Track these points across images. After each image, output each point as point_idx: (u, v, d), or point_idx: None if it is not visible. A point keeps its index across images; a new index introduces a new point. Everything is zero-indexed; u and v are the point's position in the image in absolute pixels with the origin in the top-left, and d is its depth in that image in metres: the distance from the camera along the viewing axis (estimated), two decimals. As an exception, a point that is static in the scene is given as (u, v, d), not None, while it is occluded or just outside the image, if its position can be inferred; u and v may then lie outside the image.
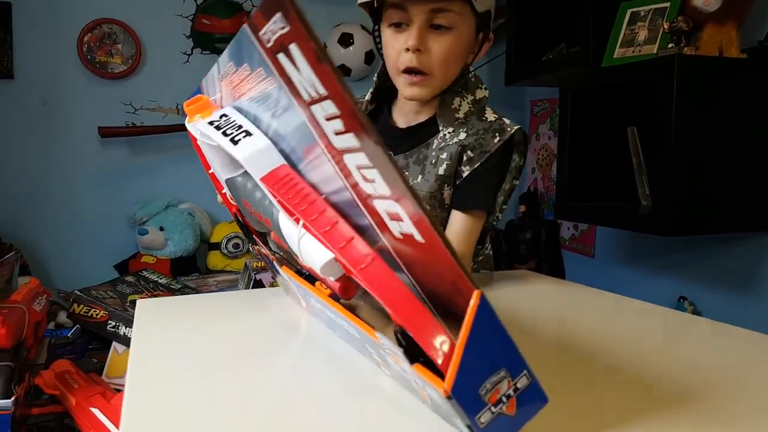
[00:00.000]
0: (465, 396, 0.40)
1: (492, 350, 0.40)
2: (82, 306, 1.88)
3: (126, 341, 1.84)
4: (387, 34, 1.04)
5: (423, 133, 1.10)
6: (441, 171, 1.06)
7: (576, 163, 2.22)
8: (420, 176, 1.07)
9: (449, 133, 1.07)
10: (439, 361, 0.42)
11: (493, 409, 0.41)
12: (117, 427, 1.52)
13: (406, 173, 1.09)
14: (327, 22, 2.92)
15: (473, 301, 0.38)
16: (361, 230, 0.47)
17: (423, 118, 1.11)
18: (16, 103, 2.52)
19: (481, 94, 1.11)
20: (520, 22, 2.63)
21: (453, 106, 1.08)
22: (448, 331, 0.41)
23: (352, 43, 2.87)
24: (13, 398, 1.47)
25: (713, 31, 1.76)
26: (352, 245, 0.48)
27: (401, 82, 1.04)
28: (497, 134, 1.06)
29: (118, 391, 1.72)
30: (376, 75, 1.15)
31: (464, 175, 1.04)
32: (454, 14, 0.99)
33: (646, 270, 2.46)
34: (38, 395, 1.70)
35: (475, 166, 1.04)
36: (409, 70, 1.01)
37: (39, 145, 2.58)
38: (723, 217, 1.83)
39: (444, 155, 1.06)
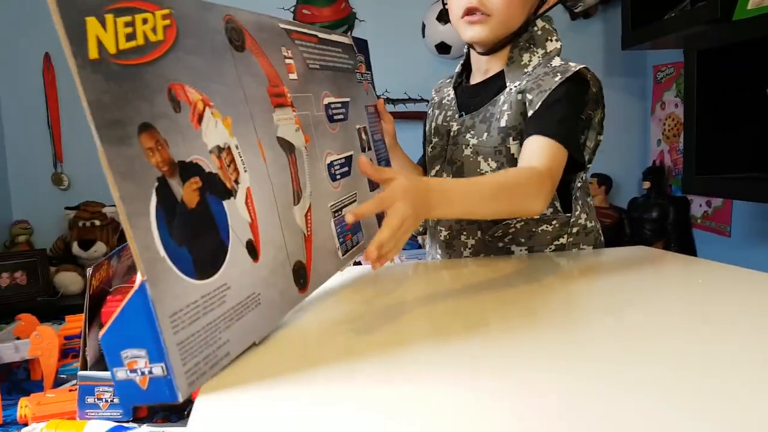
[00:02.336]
0: (108, 347, 0.50)
1: (139, 330, 0.48)
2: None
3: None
4: None
5: (491, 88, 1.08)
6: (503, 123, 1.03)
7: (706, 132, 1.99)
8: (486, 134, 1.06)
9: (516, 88, 1.04)
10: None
11: (129, 372, 0.50)
12: None
13: (471, 132, 1.08)
14: None
15: (136, 285, 0.48)
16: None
17: (491, 73, 1.10)
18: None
19: (551, 46, 1.07)
20: (638, -20, 2.40)
21: (522, 62, 1.06)
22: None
23: None
24: None
25: None
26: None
27: (462, 26, 1.05)
28: (558, 74, 1.00)
29: None
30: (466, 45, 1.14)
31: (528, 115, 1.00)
32: None
33: (793, 249, 2.18)
34: None
35: (537, 106, 0.98)
36: (469, 11, 1.02)
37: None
38: None
39: (505, 107, 1.04)
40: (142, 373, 0.49)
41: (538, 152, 0.94)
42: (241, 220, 0.61)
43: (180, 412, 1.71)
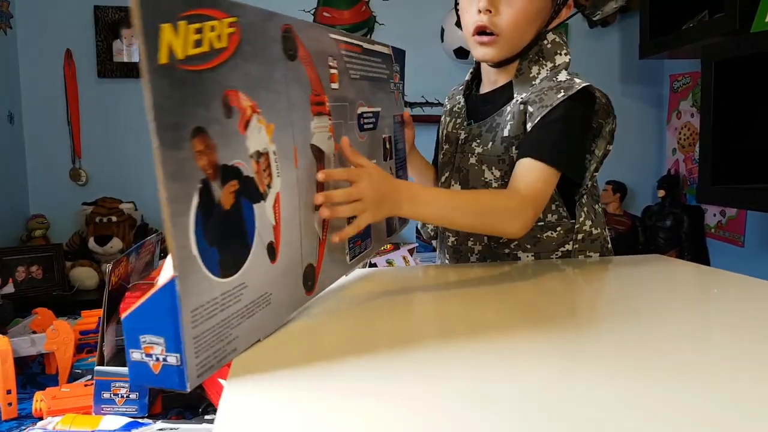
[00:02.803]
0: (129, 330, 0.53)
1: (161, 320, 0.51)
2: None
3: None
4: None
5: (499, 98, 1.09)
6: (506, 132, 1.04)
7: (721, 142, 1.99)
8: (490, 143, 1.07)
9: (523, 99, 1.04)
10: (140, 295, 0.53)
11: (144, 356, 0.53)
12: None
13: (477, 141, 1.09)
14: (446, 2, 2.74)
15: (166, 279, 0.50)
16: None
17: (500, 84, 1.10)
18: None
19: (560, 59, 1.07)
20: (656, -11, 2.40)
21: (531, 74, 1.06)
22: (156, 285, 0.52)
23: None
24: None
25: None
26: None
27: (473, 44, 1.05)
28: (562, 90, 1.00)
29: None
30: None
31: (527, 130, 1.01)
32: None
33: (807, 261, 2.17)
34: None
35: (536, 121, 0.99)
36: (479, 31, 1.02)
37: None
38: None
39: (509, 117, 1.05)
40: (157, 359, 0.52)
41: (527, 175, 0.96)
42: (267, 222, 0.62)
43: (194, 409, 1.74)
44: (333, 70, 0.79)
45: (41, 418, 1.65)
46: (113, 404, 1.54)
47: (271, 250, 0.63)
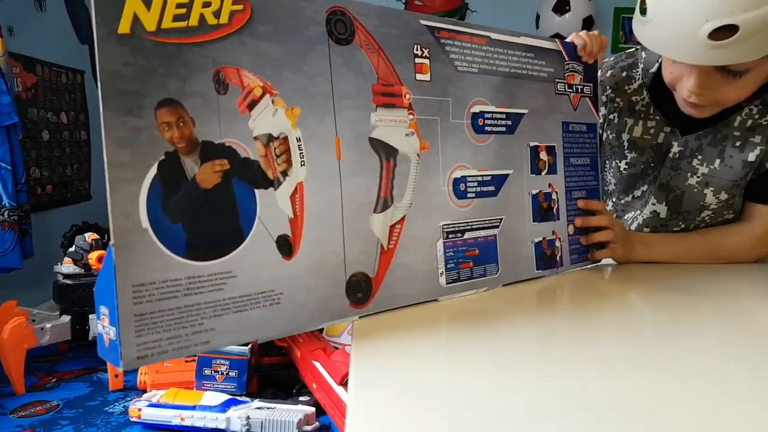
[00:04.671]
0: (96, 299, 0.52)
1: (108, 291, 0.49)
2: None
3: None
4: None
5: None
6: (751, 157, 0.90)
7: None
8: (718, 161, 0.92)
9: (757, 107, 0.89)
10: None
11: (102, 327, 0.52)
12: (334, 380, 1.63)
13: (698, 157, 0.94)
14: None
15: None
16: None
17: None
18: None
19: None
20: None
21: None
22: None
23: (569, 10, 2.67)
24: (249, 346, 1.67)
25: None
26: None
27: (679, 98, 0.88)
28: None
29: (336, 348, 1.81)
30: None
31: None
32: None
33: None
34: (271, 347, 1.91)
35: None
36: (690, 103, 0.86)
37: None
38: None
39: (756, 138, 0.89)
40: (107, 332, 0.51)
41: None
42: (279, 212, 0.58)
43: (288, 390, 1.74)
44: (421, 60, 0.70)
45: (145, 391, 1.81)
46: (213, 381, 1.62)
47: (285, 245, 0.58)
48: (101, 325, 0.52)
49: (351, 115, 0.64)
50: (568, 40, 0.92)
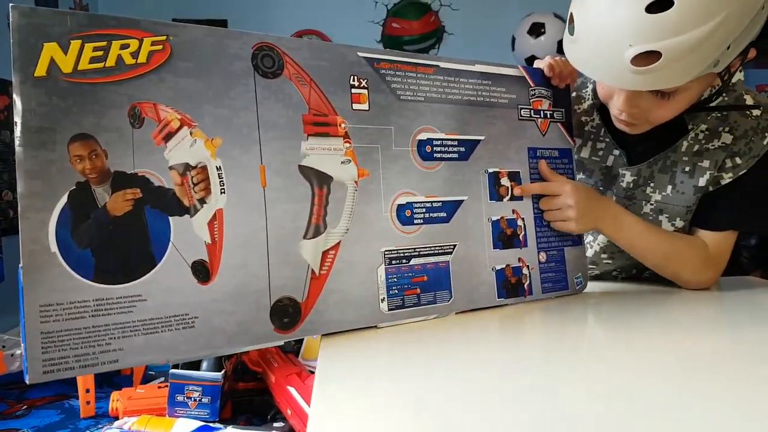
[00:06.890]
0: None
1: (21, 310, 0.52)
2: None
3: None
4: None
5: (666, 133, 0.89)
6: (702, 182, 0.89)
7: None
8: (670, 187, 0.91)
9: (703, 132, 0.88)
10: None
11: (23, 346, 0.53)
12: (309, 406, 1.56)
13: (651, 185, 0.93)
14: (517, 12, 2.78)
15: None
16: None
17: None
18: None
19: (735, 77, 0.85)
20: None
21: (702, 97, 0.84)
22: None
23: (543, 33, 2.68)
24: (222, 372, 1.64)
25: None
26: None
27: (612, 115, 0.87)
28: (767, 133, 0.86)
29: (312, 372, 1.74)
30: None
31: (723, 182, 0.89)
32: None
33: None
34: (245, 371, 1.87)
35: (740, 174, 0.88)
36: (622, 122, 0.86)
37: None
38: None
39: (705, 163, 0.88)
40: (24, 350, 0.53)
41: (725, 242, 0.91)
42: (194, 238, 0.60)
43: (263, 415, 1.70)
44: (358, 90, 0.72)
45: (117, 418, 1.77)
46: (186, 407, 1.59)
47: (202, 270, 0.60)
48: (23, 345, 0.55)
49: (279, 144, 0.66)
50: (534, 66, 0.91)
